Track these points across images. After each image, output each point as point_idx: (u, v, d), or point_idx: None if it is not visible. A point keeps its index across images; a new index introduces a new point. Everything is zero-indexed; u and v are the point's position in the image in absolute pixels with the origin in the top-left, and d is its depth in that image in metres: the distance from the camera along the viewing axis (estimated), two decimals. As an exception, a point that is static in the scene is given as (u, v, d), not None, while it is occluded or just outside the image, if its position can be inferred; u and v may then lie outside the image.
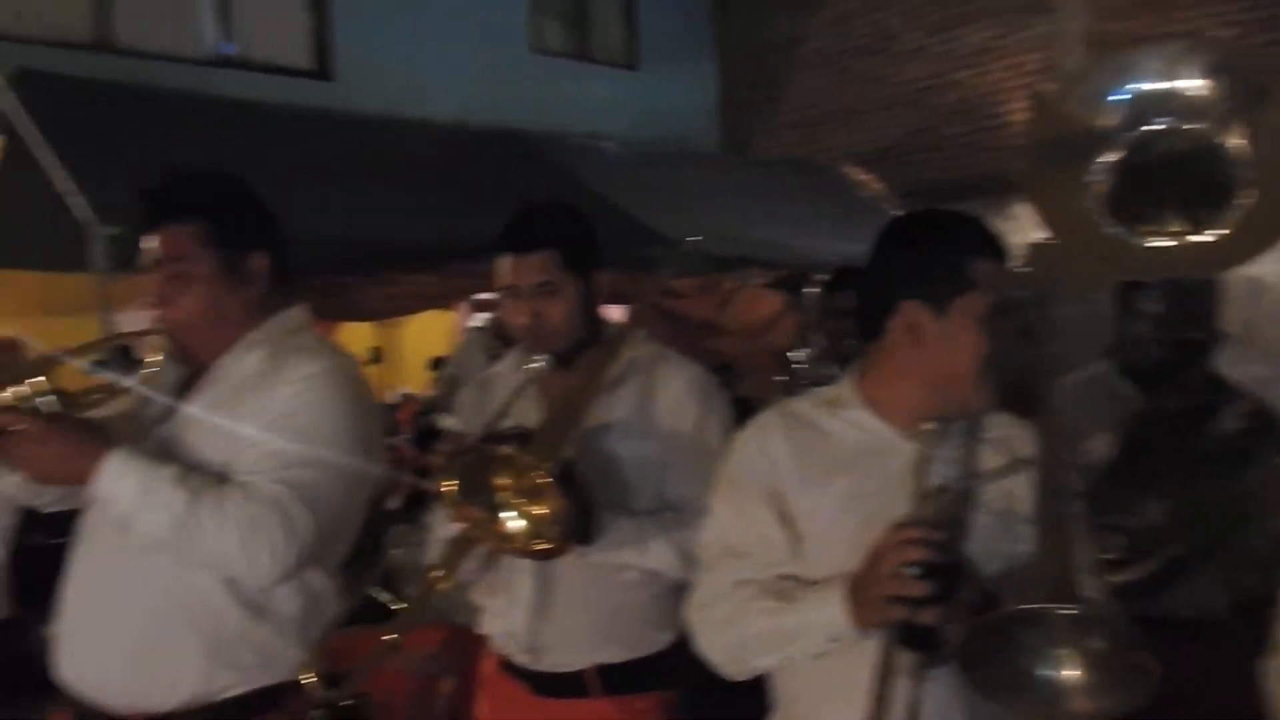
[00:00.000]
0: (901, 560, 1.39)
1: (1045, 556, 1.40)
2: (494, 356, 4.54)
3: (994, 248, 1.61)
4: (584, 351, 2.05)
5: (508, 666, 2.09)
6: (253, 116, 6.32)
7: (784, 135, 9.82)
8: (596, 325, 2.11)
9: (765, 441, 1.64)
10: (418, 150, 6.85)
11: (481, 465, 1.73)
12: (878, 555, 1.43)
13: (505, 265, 2.06)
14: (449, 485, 1.71)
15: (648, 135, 8.68)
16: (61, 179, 4.92)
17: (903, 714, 1.42)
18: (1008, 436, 1.64)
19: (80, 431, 1.72)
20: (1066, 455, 1.53)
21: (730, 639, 1.59)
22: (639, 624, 2.05)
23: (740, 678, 1.62)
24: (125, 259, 4.81)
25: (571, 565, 1.93)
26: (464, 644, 3.01)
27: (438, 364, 6.89)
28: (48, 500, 1.94)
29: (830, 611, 1.48)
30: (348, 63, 8.43)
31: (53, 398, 1.75)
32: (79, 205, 4.82)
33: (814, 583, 1.55)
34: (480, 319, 6.75)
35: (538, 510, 1.71)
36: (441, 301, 6.36)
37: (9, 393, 1.71)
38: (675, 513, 1.97)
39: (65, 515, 2.60)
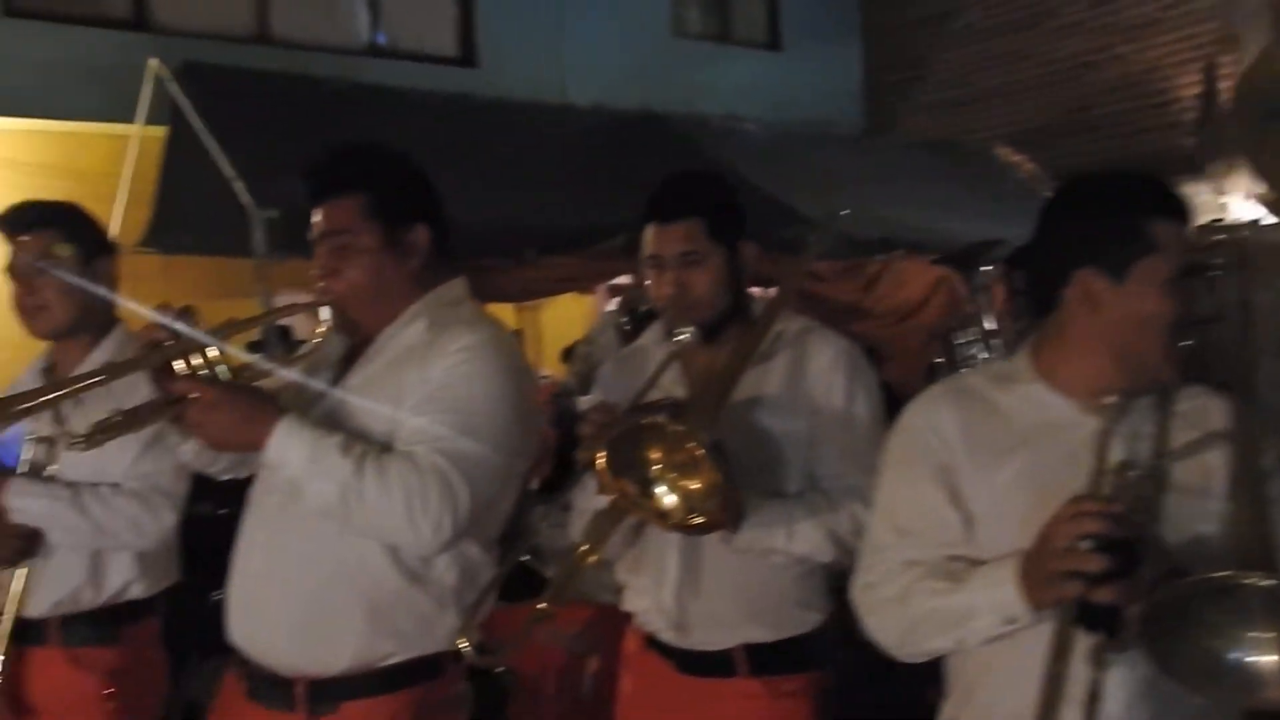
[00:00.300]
0: (1076, 533, 1.30)
1: (1240, 534, 1.29)
2: (626, 335, 4.54)
3: (1175, 208, 1.49)
4: (729, 325, 2.00)
5: (652, 644, 2.05)
6: (401, 103, 6.48)
7: (931, 116, 9.55)
8: (742, 298, 2.04)
9: (935, 417, 1.56)
10: (559, 135, 6.91)
11: (633, 437, 1.69)
12: (1051, 529, 1.34)
13: (649, 235, 2.02)
14: (600, 456, 1.68)
15: (790, 117, 8.54)
16: (225, 166, 5.12)
17: (1082, 701, 1.32)
18: (1201, 409, 1.51)
19: (252, 399, 1.76)
20: (1265, 429, 1.40)
21: (900, 619, 1.52)
22: (787, 603, 1.98)
23: (913, 660, 1.55)
24: (284, 242, 5.00)
25: (719, 542, 1.89)
26: (609, 623, 3.02)
27: (568, 354, 6.92)
28: (220, 468, 1.99)
29: (1002, 591, 1.39)
30: (491, 50, 8.58)
31: (224, 368, 1.79)
32: (240, 191, 5.01)
33: (986, 563, 1.47)
34: (615, 301, 6.79)
35: (692, 484, 1.67)
36: (581, 284, 6.40)
37: (186, 362, 1.75)
38: (824, 494, 1.91)
39: (228, 486, 2.69)
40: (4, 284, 2.31)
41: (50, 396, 1.69)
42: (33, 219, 2.29)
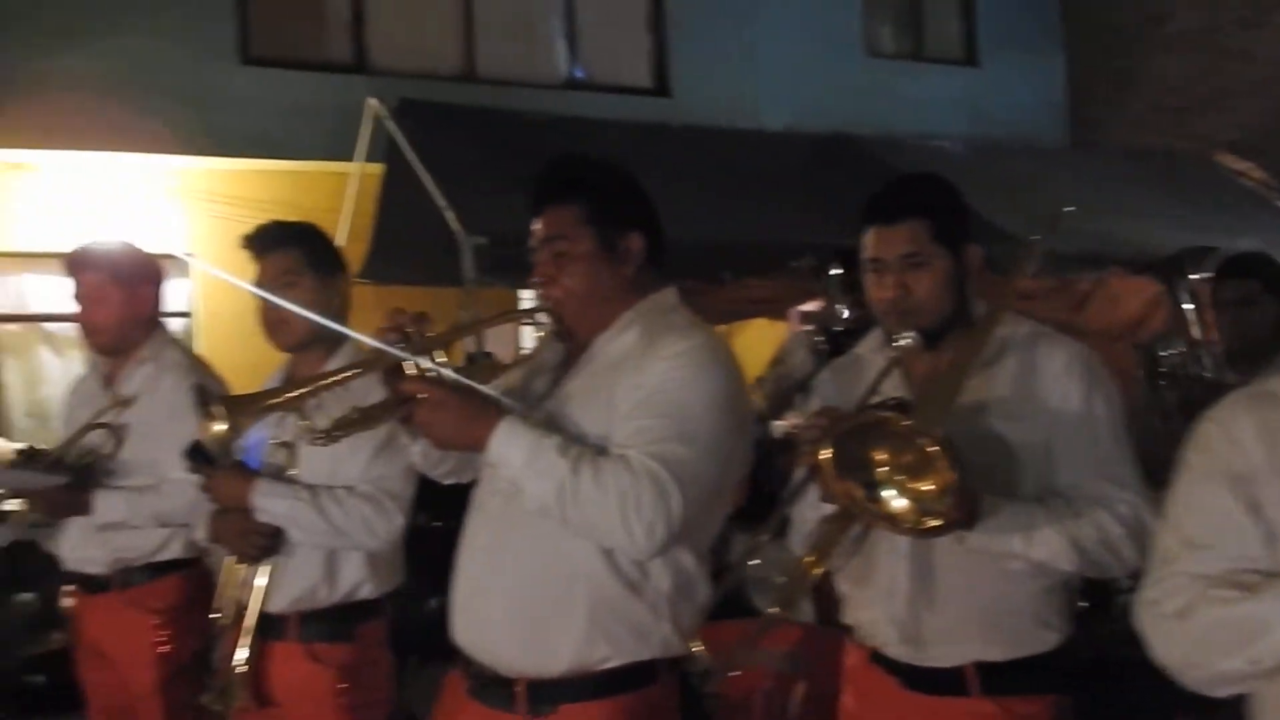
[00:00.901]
0: None
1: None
2: (822, 354, 4.47)
3: None
4: (951, 332, 1.93)
5: (876, 658, 1.97)
6: (598, 133, 6.66)
7: (1143, 124, 9.06)
8: (966, 304, 1.96)
9: (1230, 424, 1.41)
10: (753, 159, 6.94)
11: (859, 435, 1.64)
12: None
13: (870, 237, 1.96)
14: (825, 454, 1.64)
15: (989, 133, 8.29)
16: (437, 196, 5.38)
17: None
18: None
19: (476, 400, 1.81)
20: None
21: (1185, 635, 1.36)
22: (1024, 620, 1.87)
23: (1204, 689, 1.36)
24: (490, 267, 5.21)
25: (951, 551, 1.81)
26: (817, 644, 2.97)
27: (760, 382, 6.88)
28: (445, 470, 2.05)
29: None
30: (684, 79, 8.72)
31: (450, 371, 1.86)
32: (451, 219, 5.25)
33: None
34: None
35: (923, 485, 1.61)
36: (776, 306, 6.37)
37: (415, 364, 1.84)
38: (1065, 501, 1.80)
39: (444, 500, 2.79)
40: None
41: (295, 394, 1.80)
42: (276, 239, 2.46)
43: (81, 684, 2.88)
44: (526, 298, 5.95)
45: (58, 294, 7.48)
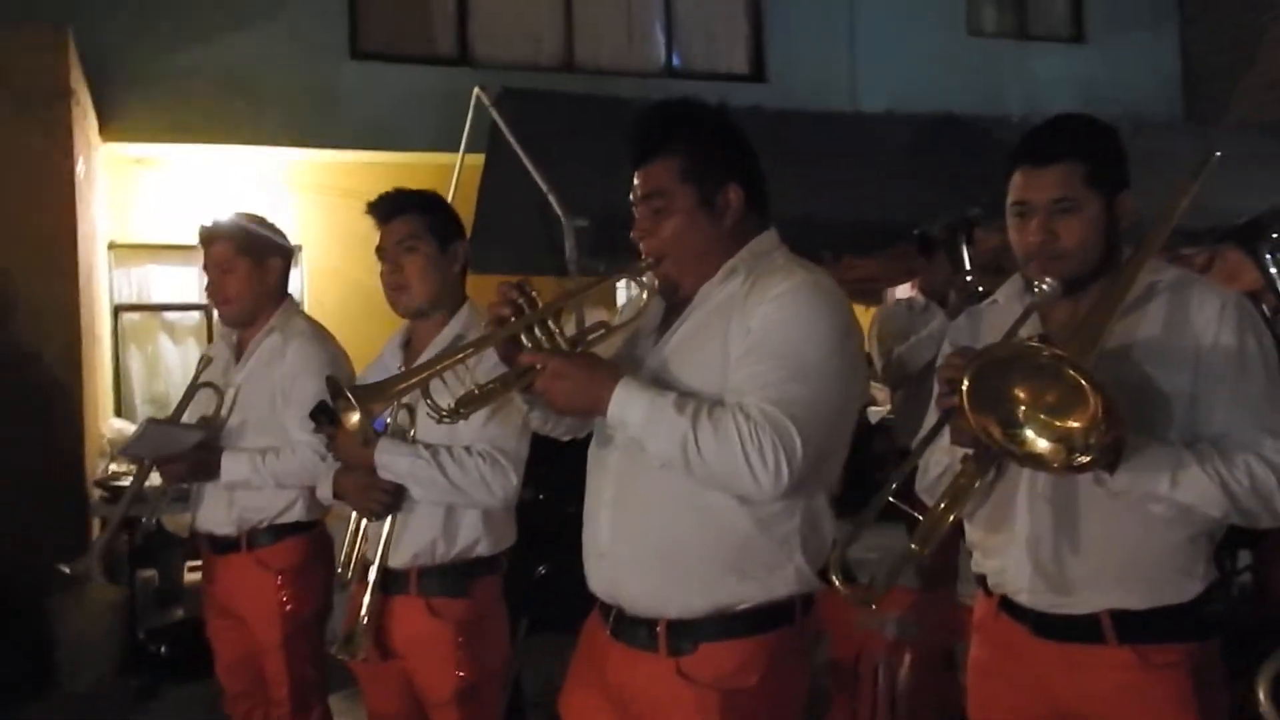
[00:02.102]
0: None
1: None
2: (920, 313, 4.41)
3: None
4: (1094, 283, 1.86)
5: (1006, 607, 1.94)
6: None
7: (1265, 97, 8.69)
8: (1114, 254, 1.89)
9: None
10: (854, 140, 6.87)
11: (1002, 370, 1.57)
12: None
13: (1017, 180, 1.90)
14: (966, 387, 1.57)
15: (1099, 110, 8.03)
16: (539, 180, 5.46)
17: None
18: None
19: (592, 364, 1.83)
20: None
21: None
22: (1164, 568, 1.82)
23: None
24: (592, 248, 5.26)
25: (1092, 496, 1.77)
26: (929, 610, 2.95)
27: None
28: (562, 430, 2.07)
29: None
30: (781, 64, 8.69)
31: (561, 338, 1.88)
32: (553, 203, 5.33)
33: None
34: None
35: (1067, 421, 1.57)
36: (878, 285, 6.31)
37: (529, 335, 1.85)
38: (1214, 446, 1.74)
39: (545, 474, 2.82)
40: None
41: (421, 378, 1.85)
42: (399, 205, 2.54)
43: (210, 638, 3.01)
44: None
45: (178, 284, 7.87)
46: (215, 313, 3.05)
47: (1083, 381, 1.52)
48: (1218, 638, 1.86)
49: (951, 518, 1.76)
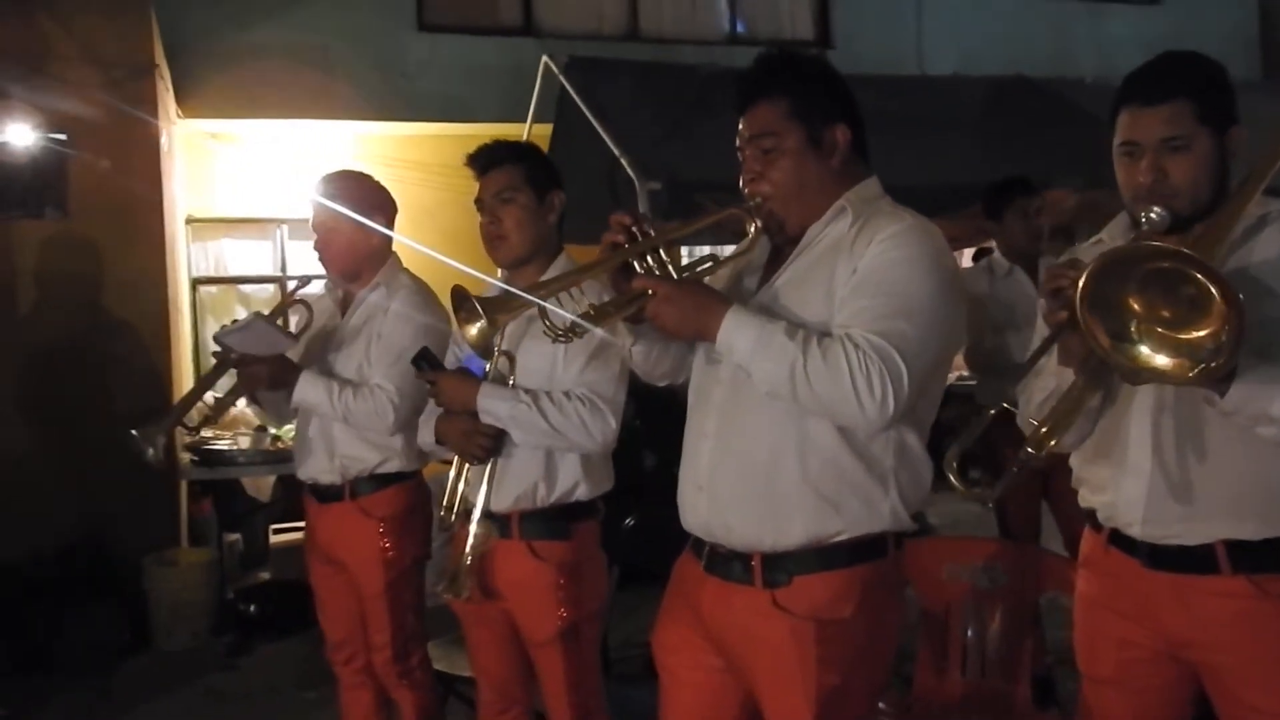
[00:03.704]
0: None
1: None
2: (1003, 277, 4.37)
3: None
4: (1201, 219, 1.83)
5: (1115, 540, 1.94)
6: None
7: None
8: (1225, 191, 1.87)
9: None
10: (922, 103, 6.79)
11: (1120, 275, 1.54)
12: None
13: (1124, 120, 1.89)
14: (1082, 289, 1.54)
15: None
16: (610, 145, 5.49)
17: None
18: None
19: (702, 291, 1.88)
20: None
21: None
22: (1278, 498, 1.80)
23: None
24: (664, 211, 5.29)
25: (1204, 423, 1.77)
26: (1016, 560, 2.95)
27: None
28: (660, 372, 2.11)
29: None
30: (846, 29, 8.62)
31: (671, 266, 1.92)
32: (626, 165, 5.36)
33: None
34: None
35: (1189, 332, 1.52)
36: (952, 247, 6.25)
37: (640, 262, 1.89)
38: None
39: (628, 435, 2.83)
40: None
41: (543, 291, 1.90)
42: (497, 156, 2.59)
43: (314, 586, 3.10)
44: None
45: (252, 257, 8.02)
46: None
47: (1209, 283, 1.50)
48: None
49: (1052, 443, 1.76)
